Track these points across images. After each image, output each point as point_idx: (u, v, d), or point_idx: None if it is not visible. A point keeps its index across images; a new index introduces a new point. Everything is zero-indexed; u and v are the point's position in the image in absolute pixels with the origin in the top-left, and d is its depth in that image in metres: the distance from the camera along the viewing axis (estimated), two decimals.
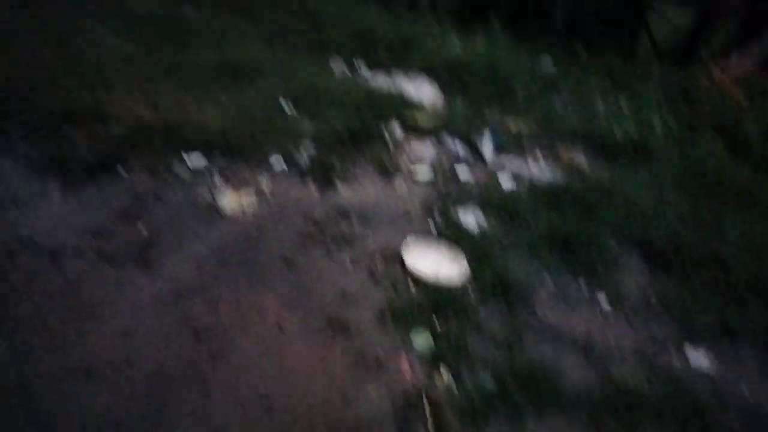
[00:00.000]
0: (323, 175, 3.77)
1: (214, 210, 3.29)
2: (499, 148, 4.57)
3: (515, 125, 5.02)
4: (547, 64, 6.58)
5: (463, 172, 4.18)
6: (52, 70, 4.48)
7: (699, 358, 2.70)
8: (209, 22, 6.55)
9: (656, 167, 4.37)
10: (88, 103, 4.01)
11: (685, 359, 2.69)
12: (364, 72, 5.67)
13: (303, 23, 6.69)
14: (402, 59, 5.85)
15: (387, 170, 4.02)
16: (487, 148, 4.49)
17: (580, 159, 4.62)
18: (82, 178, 3.33)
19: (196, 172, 3.62)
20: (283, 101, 4.65)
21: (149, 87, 4.48)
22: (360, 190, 3.74)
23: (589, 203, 3.74)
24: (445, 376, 2.42)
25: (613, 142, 4.66)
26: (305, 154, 3.96)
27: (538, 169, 4.39)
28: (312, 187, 3.67)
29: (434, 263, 3.04)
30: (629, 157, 4.53)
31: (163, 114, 4.08)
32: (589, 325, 2.84)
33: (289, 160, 3.90)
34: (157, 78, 4.72)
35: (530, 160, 4.53)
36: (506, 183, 4.12)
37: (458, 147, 4.51)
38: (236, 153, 3.84)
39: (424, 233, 3.35)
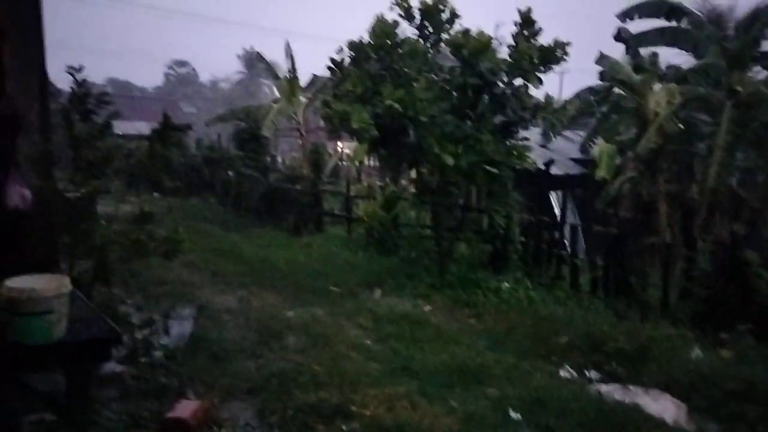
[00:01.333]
0: None
1: None
2: None
3: None
4: None
5: None
6: (312, 365, 5.30)
7: None
8: (443, 321, 7.27)
9: None
10: (336, 399, 4.54)
11: None
12: (596, 383, 5.49)
13: (530, 325, 6.97)
14: (638, 371, 5.58)
15: None
16: None
17: None
18: None
19: None
20: (511, 411, 4.67)
21: (388, 385, 4.95)
22: None
23: None
24: None
25: None
26: None
27: None
28: None
29: None
30: None
31: (397, 414, 4.39)
32: None
33: None
34: (395, 376, 5.22)
35: None
36: None
37: None
38: None
39: None
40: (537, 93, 9.05)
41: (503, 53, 8.62)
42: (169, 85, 66.15)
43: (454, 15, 8.75)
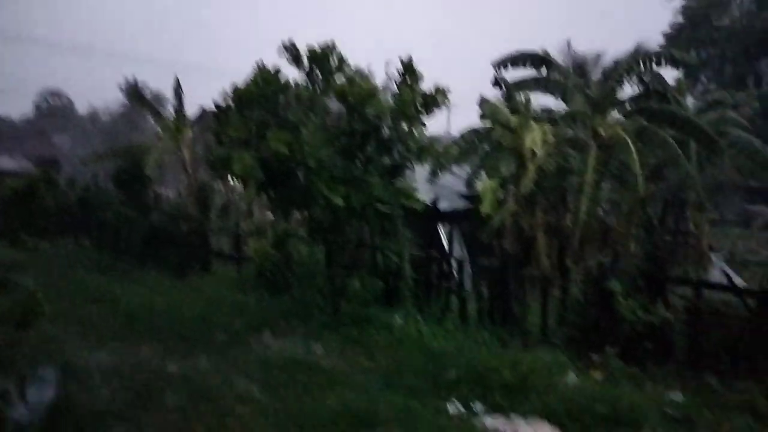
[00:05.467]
0: None
1: None
2: None
3: None
4: (676, 398, 6.20)
5: None
6: (191, 425, 4.98)
7: None
8: (335, 363, 7.17)
9: None
10: None
11: None
12: (482, 415, 5.65)
13: (420, 361, 7.07)
14: (519, 401, 5.82)
15: None
16: None
17: None
18: None
19: None
20: None
21: None
22: None
23: None
24: None
25: None
26: None
27: None
28: None
29: None
30: None
31: None
32: None
33: None
34: (284, 430, 5.04)
35: None
36: None
37: None
38: None
39: None
40: (424, 131, 9.46)
41: (391, 95, 8.91)
42: (39, 116, 60.93)
43: (341, 61, 8.93)
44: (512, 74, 15.41)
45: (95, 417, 4.91)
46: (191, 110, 19.13)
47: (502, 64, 14.92)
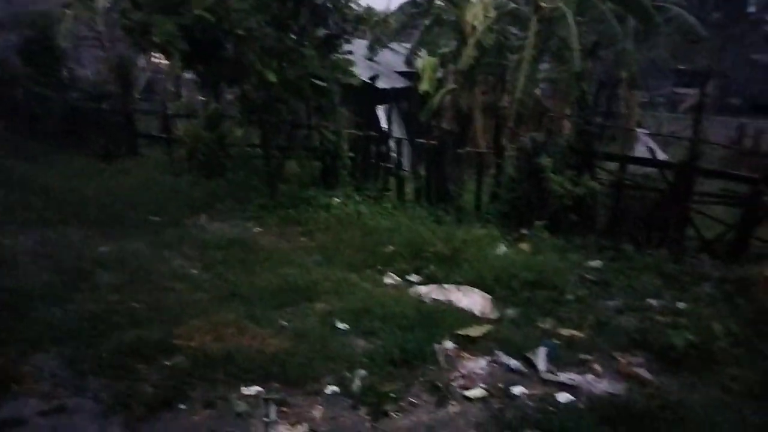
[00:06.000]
0: (376, 402, 3.79)
1: None
2: (553, 359, 4.50)
3: (569, 332, 4.98)
4: (595, 264, 6.70)
5: (518, 388, 4.09)
6: (129, 302, 4.96)
7: None
8: (274, 242, 7.22)
9: (725, 378, 4.14)
10: (157, 335, 4.34)
11: None
12: (417, 286, 5.92)
13: (359, 238, 7.22)
14: (452, 270, 6.12)
15: (440, 391, 3.99)
16: (541, 360, 4.43)
17: (641, 369, 4.45)
18: (143, 417, 3.49)
19: (252, 404, 3.72)
20: (338, 322, 4.88)
21: (215, 314, 4.83)
22: (413, 417, 3.70)
23: (658, 425, 3.53)
24: None
25: (673, 348, 4.50)
26: (358, 379, 4.03)
27: (597, 382, 4.24)
28: (365, 417, 3.67)
29: None
30: (693, 366, 4.33)
31: (225, 341, 4.34)
32: None
33: (343, 386, 3.97)
34: (223, 303, 5.12)
35: (587, 372, 4.40)
36: (564, 399, 3.98)
37: (511, 360, 4.47)
38: (292, 382, 3.96)
39: None
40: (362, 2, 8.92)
41: None
42: None
43: None
44: None
45: (25, 300, 4.79)
46: None
47: None
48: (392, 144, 10.03)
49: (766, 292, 5.05)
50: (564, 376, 4.31)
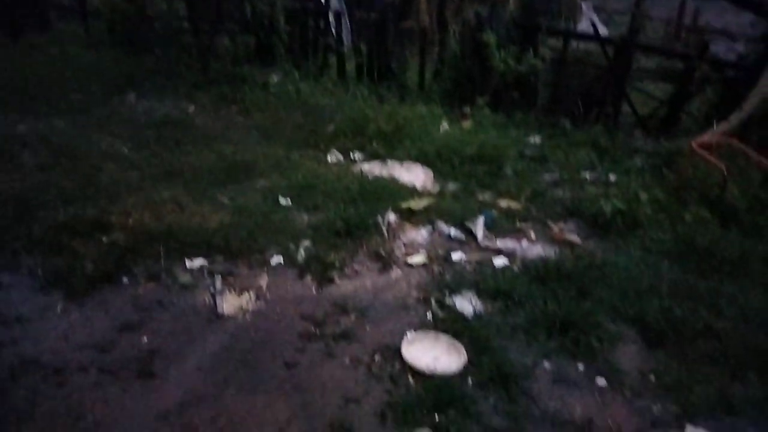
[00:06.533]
0: (321, 270, 3.87)
1: (214, 314, 3.37)
2: (491, 228, 4.69)
3: (506, 204, 5.17)
4: (534, 140, 6.84)
5: (457, 255, 4.28)
6: (58, 180, 4.71)
7: None
8: (209, 121, 6.90)
9: (647, 240, 4.46)
10: (92, 213, 4.18)
11: None
12: (360, 163, 5.89)
13: (299, 117, 7.01)
14: (395, 147, 6.10)
15: (383, 259, 4.12)
16: (479, 228, 4.61)
17: (572, 234, 4.72)
18: (85, 291, 3.44)
19: (196, 276, 3.72)
20: (281, 198, 4.84)
21: (151, 191, 4.68)
22: (357, 282, 3.83)
23: (583, 281, 3.81)
24: None
25: (602, 216, 4.77)
26: (303, 249, 4.08)
27: (531, 247, 4.49)
28: (311, 284, 3.77)
29: (433, 355, 3.09)
30: (620, 231, 4.63)
31: (164, 218, 4.25)
32: (588, 408, 2.84)
33: (288, 256, 4.01)
34: (159, 182, 4.94)
35: (522, 239, 4.63)
36: (500, 263, 4.21)
37: (451, 230, 4.63)
38: (236, 254, 3.96)
39: (422, 323, 3.40)
40: None
41: None
42: None
43: None
44: None
45: None
46: None
47: None
48: (331, 18, 9.48)
49: (689, 163, 5.33)
50: (500, 243, 4.53)
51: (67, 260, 3.68)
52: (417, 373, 2.97)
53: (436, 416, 2.69)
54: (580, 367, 3.13)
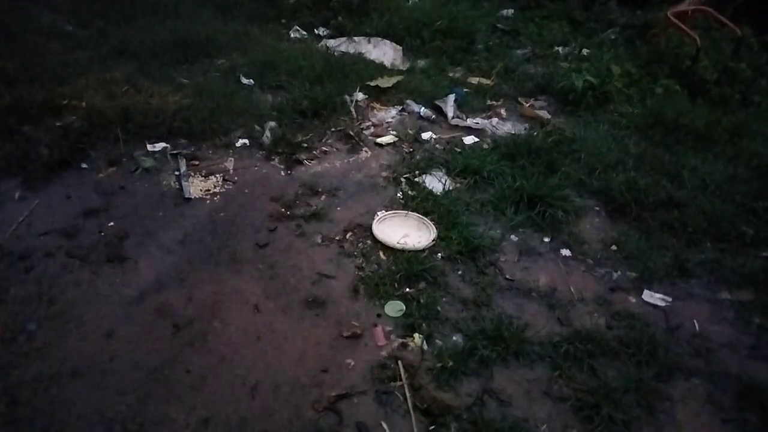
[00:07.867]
0: (289, 152, 3.79)
1: (181, 198, 3.31)
2: (462, 106, 4.60)
3: (477, 80, 5.03)
4: (507, 12, 6.54)
5: (427, 134, 4.22)
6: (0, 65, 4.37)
7: (655, 298, 2.86)
8: None
9: (616, 114, 4.45)
10: (41, 97, 3.92)
11: (643, 301, 2.84)
12: (325, 39, 5.58)
13: None
14: (362, 22, 5.76)
15: (352, 140, 4.04)
16: (450, 107, 4.52)
17: (542, 111, 4.67)
18: (42, 177, 3.32)
19: (159, 160, 3.61)
20: (242, 77, 4.60)
21: (103, 72, 4.39)
22: (326, 163, 3.77)
23: (552, 157, 3.83)
24: (418, 340, 2.54)
25: (573, 92, 4.69)
26: (269, 131, 3.95)
27: (501, 124, 4.45)
28: (278, 165, 3.70)
29: (403, 232, 3.13)
30: (590, 106, 4.59)
31: (119, 100, 4.02)
32: (552, 277, 2.97)
33: (253, 138, 3.90)
34: (110, 61, 4.63)
35: (493, 116, 4.57)
36: (470, 141, 4.17)
37: (421, 109, 4.52)
38: (198, 136, 3.82)
39: (392, 202, 3.41)
40: None
41: None
42: None
43: None
44: None
45: None
46: None
47: None
48: None
49: (663, 35, 5.20)
50: (471, 121, 4.46)
51: (20, 146, 3.50)
52: (388, 249, 3.03)
53: (407, 288, 2.78)
54: (546, 239, 3.23)
